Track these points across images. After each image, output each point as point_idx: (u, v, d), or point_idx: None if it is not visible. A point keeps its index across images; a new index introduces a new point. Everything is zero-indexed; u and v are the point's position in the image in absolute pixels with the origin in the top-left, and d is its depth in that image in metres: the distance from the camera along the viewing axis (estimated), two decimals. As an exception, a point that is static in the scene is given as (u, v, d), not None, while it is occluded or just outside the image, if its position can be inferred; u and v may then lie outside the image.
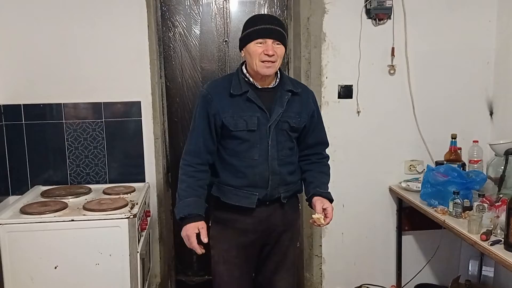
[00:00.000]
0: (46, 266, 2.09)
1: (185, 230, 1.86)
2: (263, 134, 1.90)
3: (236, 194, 1.92)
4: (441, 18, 2.80)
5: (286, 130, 1.94)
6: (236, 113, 1.88)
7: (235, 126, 1.88)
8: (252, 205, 1.91)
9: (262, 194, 1.92)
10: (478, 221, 2.06)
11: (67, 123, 2.64)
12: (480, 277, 2.87)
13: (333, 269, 2.95)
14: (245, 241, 1.98)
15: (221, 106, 1.88)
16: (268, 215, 1.97)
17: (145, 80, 2.66)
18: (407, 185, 2.78)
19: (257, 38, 1.84)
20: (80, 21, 2.58)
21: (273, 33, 1.84)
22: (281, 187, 1.95)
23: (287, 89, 1.95)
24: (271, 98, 1.92)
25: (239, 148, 1.91)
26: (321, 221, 1.87)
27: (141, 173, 2.72)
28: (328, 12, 2.73)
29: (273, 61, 1.84)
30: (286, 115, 1.92)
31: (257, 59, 1.84)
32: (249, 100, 1.89)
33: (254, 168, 1.90)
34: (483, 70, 2.87)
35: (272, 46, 1.83)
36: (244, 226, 1.96)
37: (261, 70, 1.85)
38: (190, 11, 2.87)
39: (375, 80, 2.80)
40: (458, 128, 2.76)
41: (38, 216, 2.11)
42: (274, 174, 1.92)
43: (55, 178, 2.67)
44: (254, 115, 1.88)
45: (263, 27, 1.84)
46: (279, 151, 1.93)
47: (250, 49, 1.86)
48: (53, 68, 2.60)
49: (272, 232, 2.01)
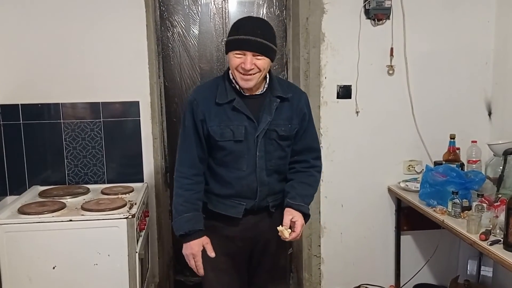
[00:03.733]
0: (44, 266, 2.09)
1: (189, 248, 1.79)
2: (251, 144, 1.80)
3: (223, 203, 1.86)
4: (440, 19, 2.80)
5: (275, 139, 1.83)
6: (222, 122, 1.79)
7: (222, 136, 1.79)
8: (239, 215, 1.84)
9: (250, 205, 1.85)
10: (477, 221, 2.06)
11: (65, 123, 2.64)
12: (479, 277, 2.87)
13: (332, 269, 2.95)
14: (233, 248, 1.90)
15: (207, 113, 1.79)
16: (256, 223, 1.89)
17: (144, 80, 2.66)
18: (406, 185, 2.78)
19: (236, 49, 1.71)
20: (78, 21, 2.58)
21: (253, 46, 1.69)
22: (270, 196, 1.88)
23: (276, 95, 1.83)
24: (259, 106, 1.82)
25: (226, 159, 1.82)
26: (285, 235, 1.73)
27: (139, 173, 2.72)
28: (327, 12, 2.72)
29: (252, 74, 1.72)
30: (274, 123, 1.82)
31: (235, 70, 1.74)
32: (236, 109, 1.79)
33: (242, 179, 1.82)
34: (482, 71, 2.87)
35: (251, 59, 1.70)
36: (231, 234, 1.88)
37: (240, 83, 1.76)
38: (188, 11, 2.86)
39: (374, 80, 2.80)
40: (456, 128, 2.76)
41: (36, 216, 2.11)
42: (262, 185, 1.84)
43: (53, 178, 2.66)
44: (241, 125, 1.79)
45: (242, 38, 1.70)
46: (267, 162, 1.84)
47: (229, 58, 1.75)
48: (51, 68, 2.59)
49: (260, 239, 1.93)
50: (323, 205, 2.87)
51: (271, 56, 1.77)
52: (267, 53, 1.74)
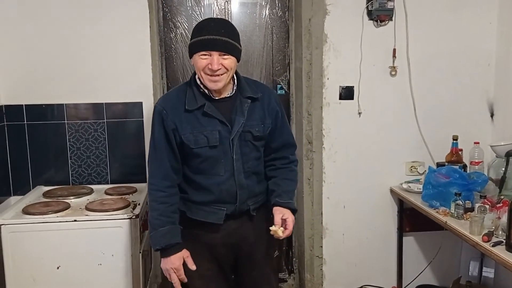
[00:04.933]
0: (49, 266, 2.10)
1: (169, 263, 1.76)
2: (226, 148, 1.79)
3: (203, 210, 1.83)
4: (442, 20, 2.81)
5: (250, 140, 1.82)
6: (195, 128, 1.76)
7: (196, 143, 1.76)
8: (220, 221, 1.82)
9: (230, 210, 1.83)
10: (480, 222, 2.07)
11: (69, 124, 2.65)
12: (481, 278, 2.88)
13: (334, 270, 2.95)
14: (216, 255, 1.89)
15: (178, 121, 1.76)
16: (237, 227, 1.87)
17: (147, 81, 2.67)
18: (408, 186, 2.78)
19: (201, 50, 1.69)
20: (82, 22, 2.59)
21: (218, 45, 1.68)
22: (250, 199, 1.86)
23: (246, 96, 1.82)
24: (230, 108, 1.80)
25: (203, 166, 1.80)
26: (279, 234, 1.74)
27: (142, 173, 2.70)
28: (330, 13, 2.73)
29: (219, 75, 1.71)
30: (248, 124, 1.80)
31: (202, 72, 1.71)
32: (207, 114, 1.76)
33: (221, 184, 1.80)
34: (484, 72, 2.87)
35: (218, 59, 1.68)
36: (213, 241, 1.86)
37: (207, 84, 1.73)
38: (191, 12, 2.87)
39: (376, 81, 2.81)
40: (459, 129, 2.76)
41: (41, 217, 2.12)
42: (241, 188, 1.82)
43: (56, 178, 2.67)
44: (215, 130, 1.76)
45: (207, 37, 1.68)
46: (244, 164, 1.82)
47: (194, 61, 1.73)
48: (55, 69, 2.60)
49: (242, 244, 1.91)
50: (325, 206, 2.88)
51: (237, 55, 1.76)
52: (233, 52, 1.73)
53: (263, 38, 2.96)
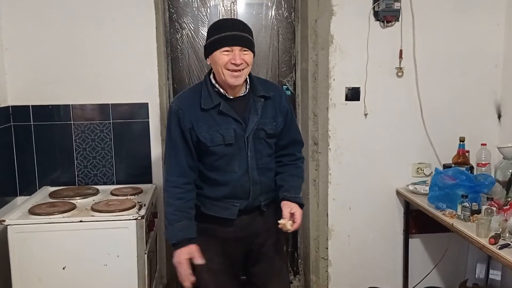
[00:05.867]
0: (54, 267, 2.10)
1: (176, 257, 1.81)
2: (241, 145, 1.83)
3: (216, 205, 1.87)
4: (449, 21, 2.79)
5: (263, 138, 1.87)
6: (211, 127, 1.80)
7: (212, 141, 1.80)
8: (233, 216, 1.86)
9: (243, 205, 1.87)
10: (486, 224, 2.05)
11: (75, 124, 2.66)
12: (487, 281, 2.86)
13: (339, 272, 2.94)
14: (228, 249, 1.92)
15: (195, 121, 1.79)
16: (249, 222, 1.92)
17: (153, 82, 2.67)
18: (415, 188, 2.77)
19: (223, 46, 1.74)
20: (88, 22, 2.59)
21: (240, 40, 1.74)
22: (261, 195, 1.91)
23: (259, 95, 1.86)
24: (244, 107, 1.84)
25: (218, 163, 1.84)
26: (287, 227, 1.78)
27: (148, 174, 2.73)
28: (336, 14, 2.72)
29: (242, 69, 1.75)
30: (262, 122, 1.85)
31: (223, 69, 1.74)
32: (222, 113, 1.80)
33: (235, 181, 1.84)
34: (491, 73, 2.86)
35: (240, 54, 1.73)
36: (225, 235, 1.90)
37: (230, 80, 1.76)
38: (197, 13, 2.87)
39: (382, 82, 2.79)
40: (466, 131, 2.75)
41: (47, 217, 2.12)
42: (255, 184, 1.87)
43: (63, 179, 2.68)
44: (230, 128, 1.81)
45: (228, 34, 1.73)
46: (258, 160, 1.87)
47: (216, 58, 1.75)
48: (62, 70, 2.62)
49: (254, 238, 1.95)
50: (331, 208, 2.87)
51: (254, 51, 1.82)
52: (252, 47, 1.79)
53: (269, 39, 2.96)
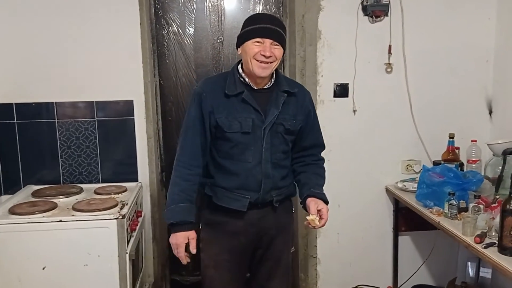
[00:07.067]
0: (34, 267, 2.07)
1: (175, 238, 1.82)
2: (258, 136, 1.84)
3: (227, 196, 1.88)
4: (439, 15, 2.75)
5: (281, 132, 1.89)
6: (230, 114, 1.83)
7: (229, 127, 1.83)
8: (243, 208, 1.87)
9: (254, 198, 1.87)
10: (472, 223, 2.02)
11: (59, 122, 2.62)
12: (478, 279, 2.82)
13: (328, 270, 2.92)
14: (236, 245, 1.93)
15: (216, 105, 1.83)
16: (260, 218, 1.92)
17: (138, 79, 2.63)
18: (404, 185, 2.74)
19: (256, 37, 1.78)
20: (71, 19, 2.55)
21: (272, 34, 1.78)
22: (273, 190, 1.91)
23: (283, 90, 1.89)
24: (266, 99, 1.87)
25: (233, 151, 1.86)
26: (316, 223, 1.80)
27: (134, 172, 2.70)
28: (324, 9, 2.68)
29: (270, 62, 1.79)
30: (281, 117, 1.87)
31: (253, 59, 1.78)
32: (244, 101, 1.83)
33: (247, 171, 1.86)
34: (482, 69, 2.81)
35: (270, 47, 1.77)
36: (235, 229, 1.91)
37: (257, 71, 1.79)
38: (183, 8, 2.83)
39: (371, 78, 2.75)
40: (456, 127, 2.71)
41: (27, 217, 2.09)
42: (267, 177, 1.87)
43: (47, 177, 2.65)
44: (249, 117, 1.83)
45: (263, 26, 1.78)
46: (272, 154, 1.88)
47: (247, 48, 1.79)
48: (45, 67, 2.58)
49: (264, 235, 1.95)
50: (320, 205, 2.83)
51: (284, 47, 1.85)
52: (283, 43, 1.83)
53: (257, 34, 2.92)
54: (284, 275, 2.04)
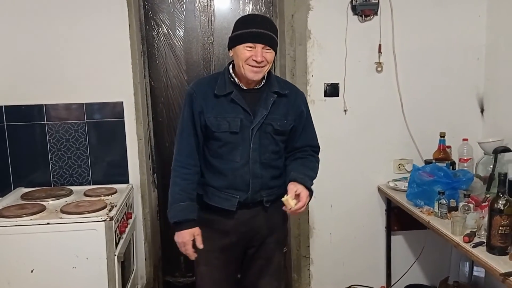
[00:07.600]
0: (23, 270, 2.07)
1: (180, 237, 1.85)
2: (246, 136, 1.85)
3: (217, 195, 1.89)
4: (429, 14, 2.73)
5: (270, 133, 1.88)
6: (219, 114, 1.84)
7: (218, 127, 1.84)
8: (233, 208, 1.87)
9: (243, 197, 1.88)
10: (461, 222, 2.01)
11: (49, 124, 2.62)
12: (471, 278, 2.81)
13: (321, 270, 2.91)
14: (227, 243, 1.94)
15: (205, 105, 1.84)
16: (250, 217, 1.92)
17: (128, 80, 2.63)
18: (395, 184, 2.73)
19: (247, 42, 1.77)
20: (60, 21, 2.55)
21: (263, 38, 1.77)
22: (263, 190, 1.90)
23: (273, 91, 1.88)
24: (256, 100, 1.87)
25: (221, 150, 1.87)
26: (291, 204, 1.72)
27: (124, 174, 2.69)
28: (313, 8, 2.68)
29: (262, 66, 1.79)
30: (270, 118, 1.86)
31: (244, 63, 1.78)
32: (233, 101, 1.84)
33: (235, 170, 1.86)
34: (474, 67, 2.80)
35: (262, 52, 1.77)
36: (225, 228, 1.92)
37: (248, 75, 1.79)
38: (173, 9, 2.82)
39: (362, 77, 2.75)
40: (448, 125, 2.71)
41: (14, 220, 2.09)
42: (255, 177, 1.87)
43: (38, 179, 2.65)
44: (237, 117, 1.84)
45: (254, 31, 1.77)
46: (261, 154, 1.88)
47: (238, 52, 1.79)
48: (34, 69, 2.57)
49: (255, 234, 1.96)
50: (312, 205, 2.82)
51: (276, 50, 1.85)
52: (274, 47, 1.82)
53: (247, 34, 2.91)
54: (275, 274, 2.04)
